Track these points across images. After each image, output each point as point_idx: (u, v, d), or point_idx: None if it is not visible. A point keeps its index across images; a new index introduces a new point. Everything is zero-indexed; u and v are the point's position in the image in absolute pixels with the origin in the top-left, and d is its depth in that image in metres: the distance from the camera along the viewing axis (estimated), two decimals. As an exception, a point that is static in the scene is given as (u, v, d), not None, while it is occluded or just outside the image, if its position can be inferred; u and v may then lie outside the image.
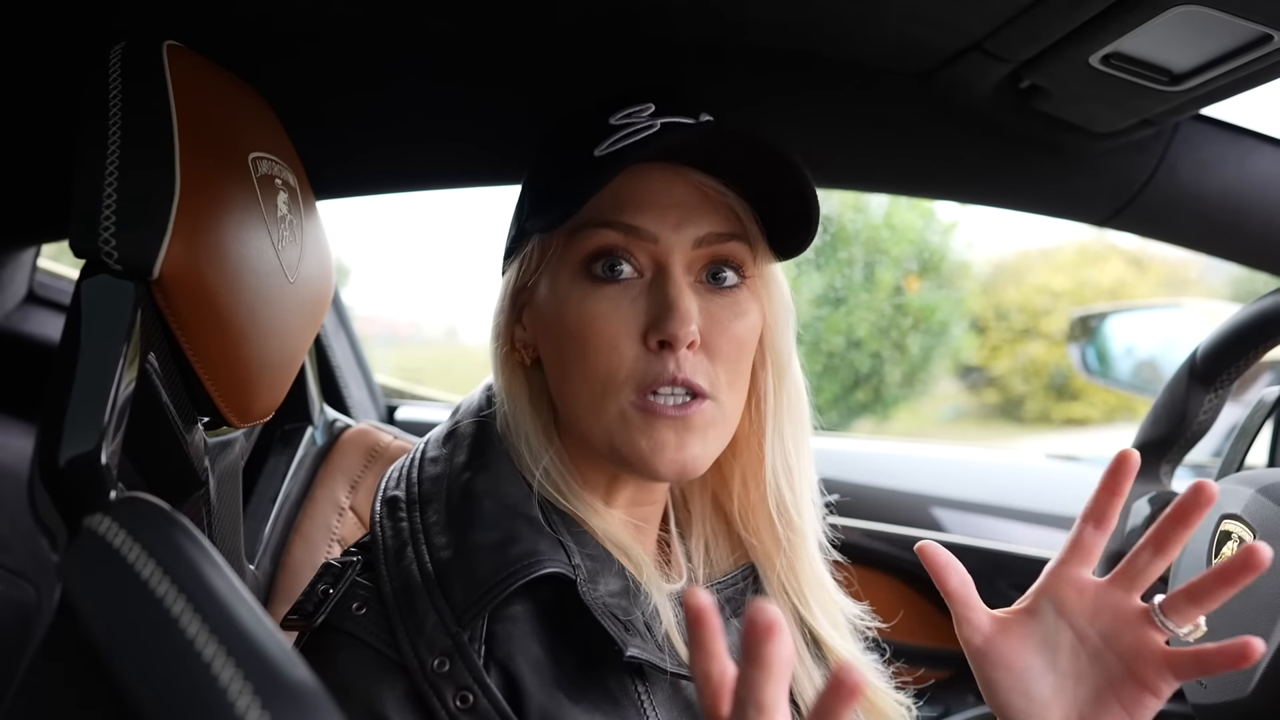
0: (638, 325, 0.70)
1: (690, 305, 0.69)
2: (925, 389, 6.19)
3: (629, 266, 0.71)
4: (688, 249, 0.71)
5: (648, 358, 0.70)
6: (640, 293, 0.71)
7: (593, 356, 0.70)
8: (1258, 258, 1.13)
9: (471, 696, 0.64)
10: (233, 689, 0.46)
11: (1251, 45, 0.77)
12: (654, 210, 0.71)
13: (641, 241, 0.71)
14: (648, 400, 0.69)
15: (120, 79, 0.66)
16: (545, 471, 0.73)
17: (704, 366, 0.71)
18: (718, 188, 0.72)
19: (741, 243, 0.73)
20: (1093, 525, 0.65)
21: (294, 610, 0.70)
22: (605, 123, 0.73)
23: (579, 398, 0.72)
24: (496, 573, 0.67)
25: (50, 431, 0.57)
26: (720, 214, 0.73)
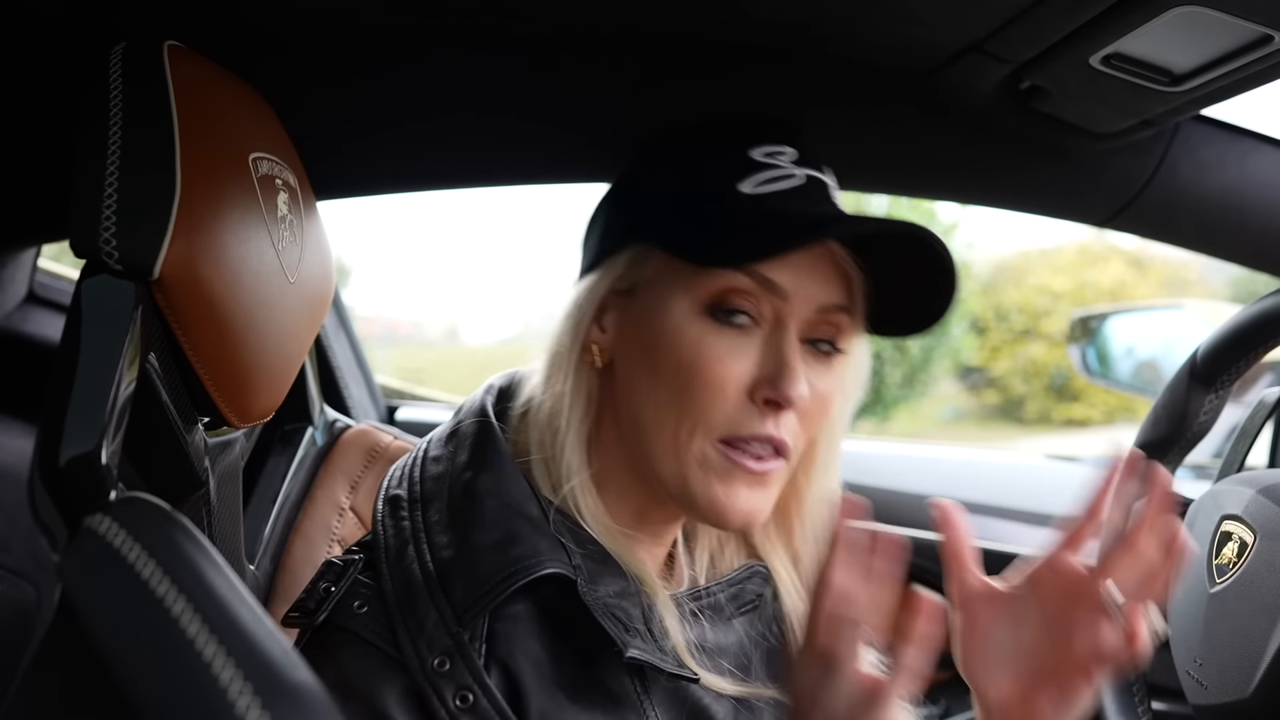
0: (748, 376, 0.70)
1: (802, 370, 0.70)
2: (925, 390, 6.19)
3: (749, 316, 0.70)
4: (810, 312, 0.71)
5: (748, 410, 0.69)
6: (755, 343, 0.70)
7: (694, 394, 0.69)
8: (1258, 258, 1.13)
9: (471, 696, 0.64)
10: (233, 689, 0.46)
11: (1252, 46, 0.77)
12: (791, 268, 0.70)
13: (771, 296, 0.70)
14: (732, 449, 0.70)
15: (121, 79, 0.66)
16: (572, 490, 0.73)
17: (793, 428, 0.71)
18: (845, 256, 0.72)
19: (850, 316, 0.73)
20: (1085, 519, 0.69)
21: (295, 608, 0.70)
22: (746, 155, 0.73)
23: (664, 429, 0.71)
24: (497, 572, 0.67)
25: (50, 431, 0.57)
26: (843, 284, 0.72)
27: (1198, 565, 0.89)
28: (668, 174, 0.76)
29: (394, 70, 0.97)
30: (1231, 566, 0.84)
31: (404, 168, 1.12)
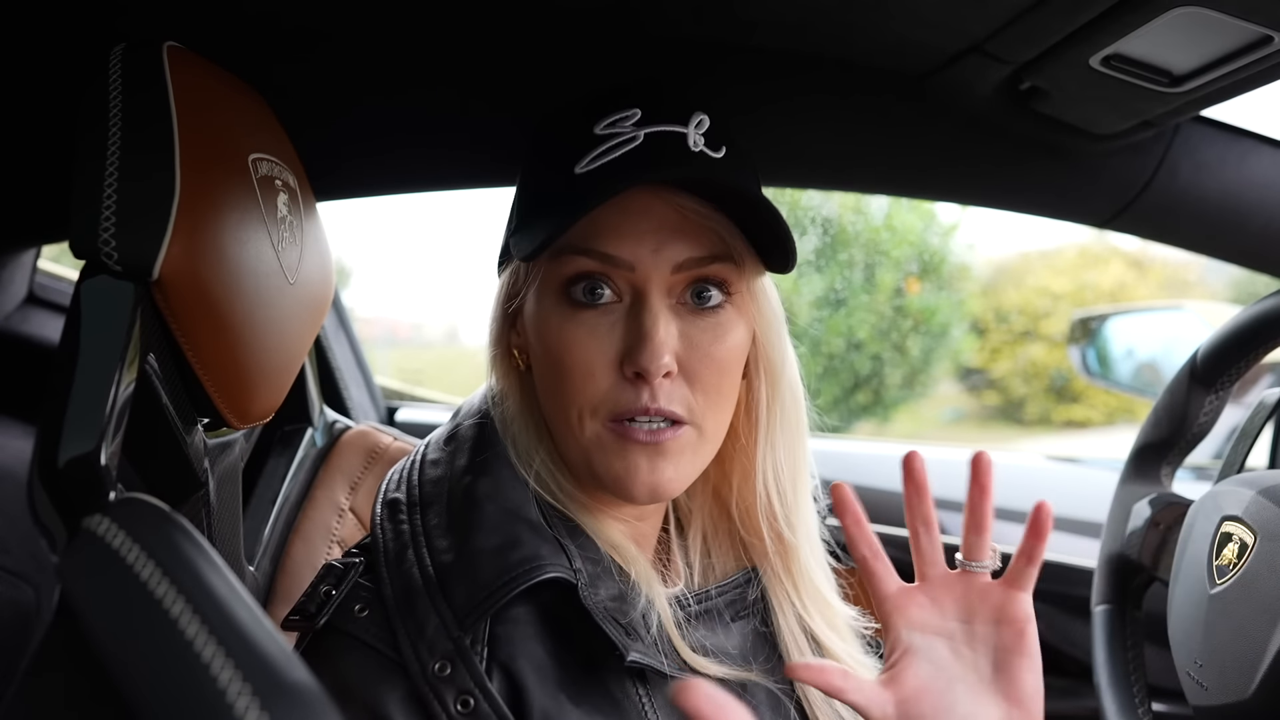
0: (614, 352, 0.70)
1: (665, 336, 0.69)
2: (925, 391, 6.19)
3: (608, 291, 0.70)
4: (666, 274, 0.70)
5: (622, 386, 0.69)
6: (619, 318, 0.70)
7: (569, 382, 0.70)
8: (1258, 259, 1.13)
9: (472, 701, 0.64)
10: (231, 690, 0.45)
11: (1252, 47, 0.77)
12: (631, 237, 0.69)
13: (618, 269, 0.70)
14: (622, 425, 0.70)
15: (120, 80, 0.66)
16: (538, 474, 0.74)
17: (681, 393, 0.70)
18: (698, 209, 0.70)
19: (725, 263, 0.71)
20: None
21: (295, 611, 0.70)
22: (590, 132, 0.71)
23: (557, 418, 0.73)
24: (498, 577, 0.67)
25: (49, 432, 0.57)
26: (701, 236, 0.70)
27: (1198, 566, 0.88)
28: (526, 168, 0.78)
29: (393, 71, 0.97)
30: (1232, 568, 0.84)
31: (403, 168, 1.12)
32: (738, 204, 0.70)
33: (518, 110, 1.00)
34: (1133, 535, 1.02)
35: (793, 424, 0.79)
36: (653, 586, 0.72)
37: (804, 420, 0.80)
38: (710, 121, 0.73)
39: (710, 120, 0.73)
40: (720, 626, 0.77)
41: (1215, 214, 1.06)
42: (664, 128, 0.71)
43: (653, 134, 0.71)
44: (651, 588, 0.72)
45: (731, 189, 0.69)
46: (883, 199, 5.26)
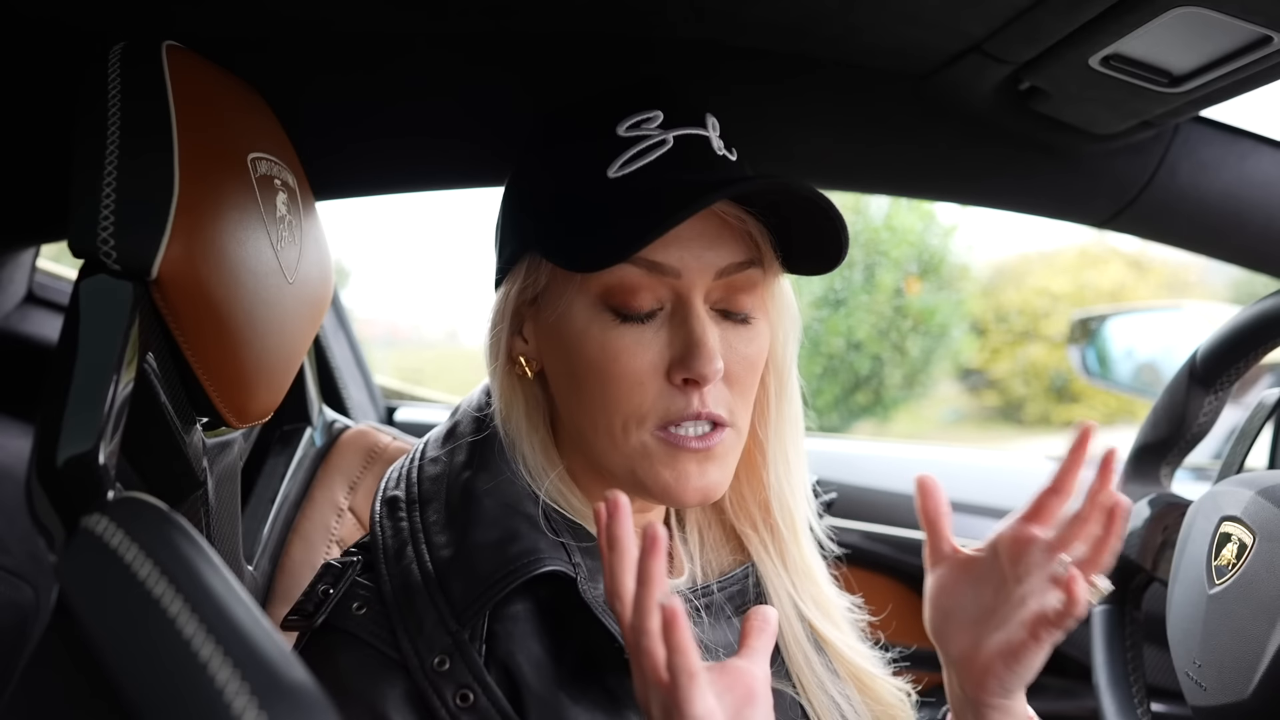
0: (662, 361, 0.69)
1: (715, 341, 0.69)
2: (925, 391, 6.19)
3: (650, 298, 0.69)
4: (709, 280, 0.70)
5: (671, 393, 0.69)
6: (661, 326, 0.70)
7: (615, 391, 0.69)
8: (1258, 259, 1.13)
9: (471, 695, 0.64)
10: (229, 689, 0.45)
11: (1251, 47, 0.77)
12: (676, 244, 0.68)
13: (665, 278, 0.69)
14: (671, 433, 0.69)
15: (119, 79, 0.66)
16: (553, 487, 0.73)
17: (724, 397, 0.71)
18: (735, 213, 0.70)
19: (756, 268, 0.72)
20: (1051, 492, 0.70)
21: (294, 611, 0.70)
22: (613, 133, 0.70)
23: (598, 428, 0.71)
24: (496, 571, 0.67)
25: (48, 431, 0.57)
26: (739, 241, 0.71)
27: (1197, 567, 0.88)
28: (543, 171, 0.75)
29: (392, 70, 0.97)
30: (1231, 568, 0.84)
31: (403, 168, 1.12)
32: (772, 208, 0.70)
33: (517, 109, 1.00)
34: (1132, 535, 1.02)
35: (795, 417, 0.80)
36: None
37: (801, 413, 0.81)
38: (719, 124, 0.74)
39: (719, 122, 0.74)
40: (723, 621, 0.77)
41: (1215, 214, 1.06)
42: (689, 130, 0.72)
43: (681, 137, 0.71)
44: None
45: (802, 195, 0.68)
46: (882, 199, 5.26)
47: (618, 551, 0.58)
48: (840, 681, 0.79)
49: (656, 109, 0.72)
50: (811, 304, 5.15)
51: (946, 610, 0.72)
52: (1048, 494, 0.70)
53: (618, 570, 0.58)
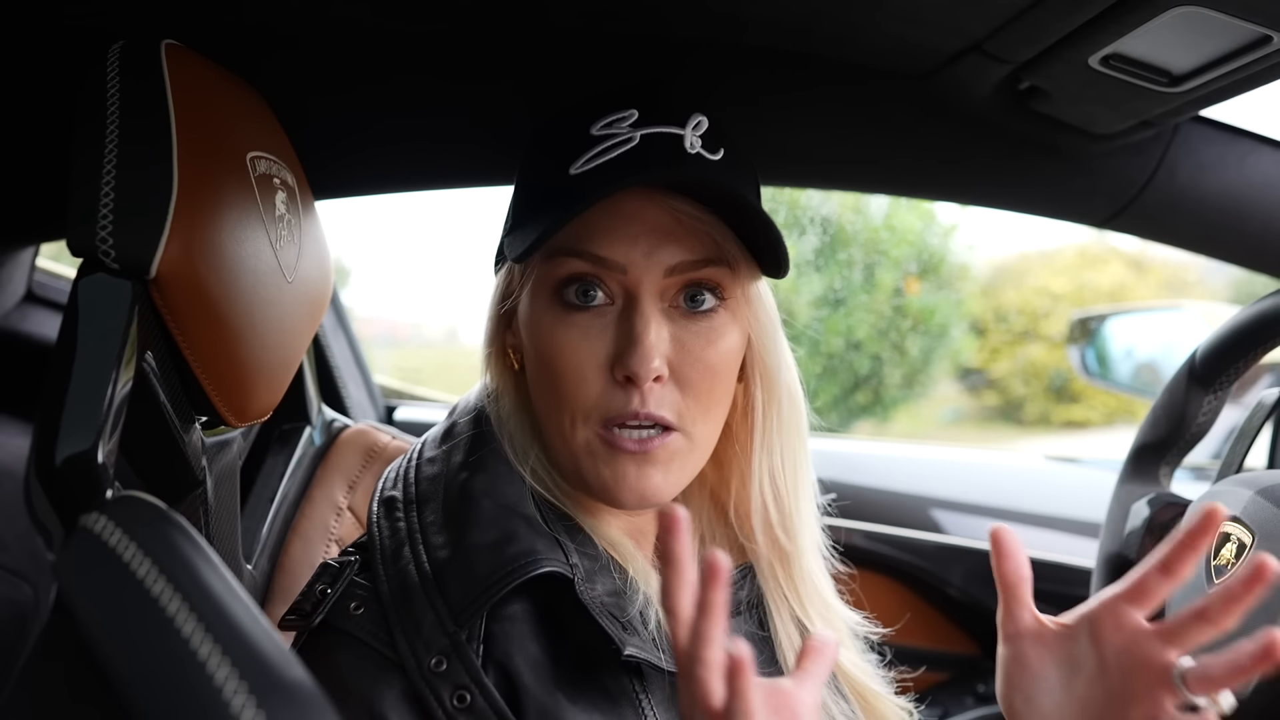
0: (605, 355, 0.69)
1: (655, 340, 0.68)
2: (925, 391, 6.18)
3: (600, 293, 0.70)
4: (658, 277, 0.70)
5: (613, 390, 0.69)
6: (610, 321, 0.70)
7: (561, 385, 0.70)
8: (1257, 259, 1.13)
9: (469, 696, 0.64)
10: (228, 688, 0.45)
11: (1251, 46, 0.77)
12: (624, 239, 0.69)
13: (610, 272, 0.69)
14: (612, 433, 0.69)
15: (118, 78, 0.66)
16: (534, 470, 0.74)
17: (672, 399, 0.70)
18: (692, 212, 0.70)
19: (718, 266, 0.71)
20: (1160, 572, 0.61)
21: (292, 610, 0.70)
22: (586, 132, 0.71)
23: (550, 421, 0.72)
24: (494, 572, 0.67)
25: (47, 430, 0.57)
26: (695, 240, 0.70)
27: (1196, 566, 0.88)
28: (523, 168, 0.78)
29: (392, 70, 0.97)
30: (1229, 568, 0.84)
31: (402, 167, 1.12)
32: (729, 208, 0.69)
33: (517, 108, 1.00)
34: (1131, 535, 1.02)
35: (791, 428, 0.78)
36: (650, 583, 0.72)
37: (803, 425, 0.79)
38: (709, 123, 0.73)
39: (709, 122, 0.73)
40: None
41: (1214, 214, 1.06)
42: (660, 129, 0.71)
43: (649, 135, 0.70)
44: (649, 584, 0.72)
45: (721, 192, 0.68)
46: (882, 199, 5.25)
47: (673, 568, 0.54)
48: (843, 701, 0.79)
49: (632, 108, 0.72)
50: (811, 303, 5.15)
51: (1028, 691, 0.65)
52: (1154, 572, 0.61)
53: (673, 588, 0.55)
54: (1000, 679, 0.68)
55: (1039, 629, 0.66)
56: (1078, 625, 0.64)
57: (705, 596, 0.53)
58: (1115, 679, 0.61)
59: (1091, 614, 0.63)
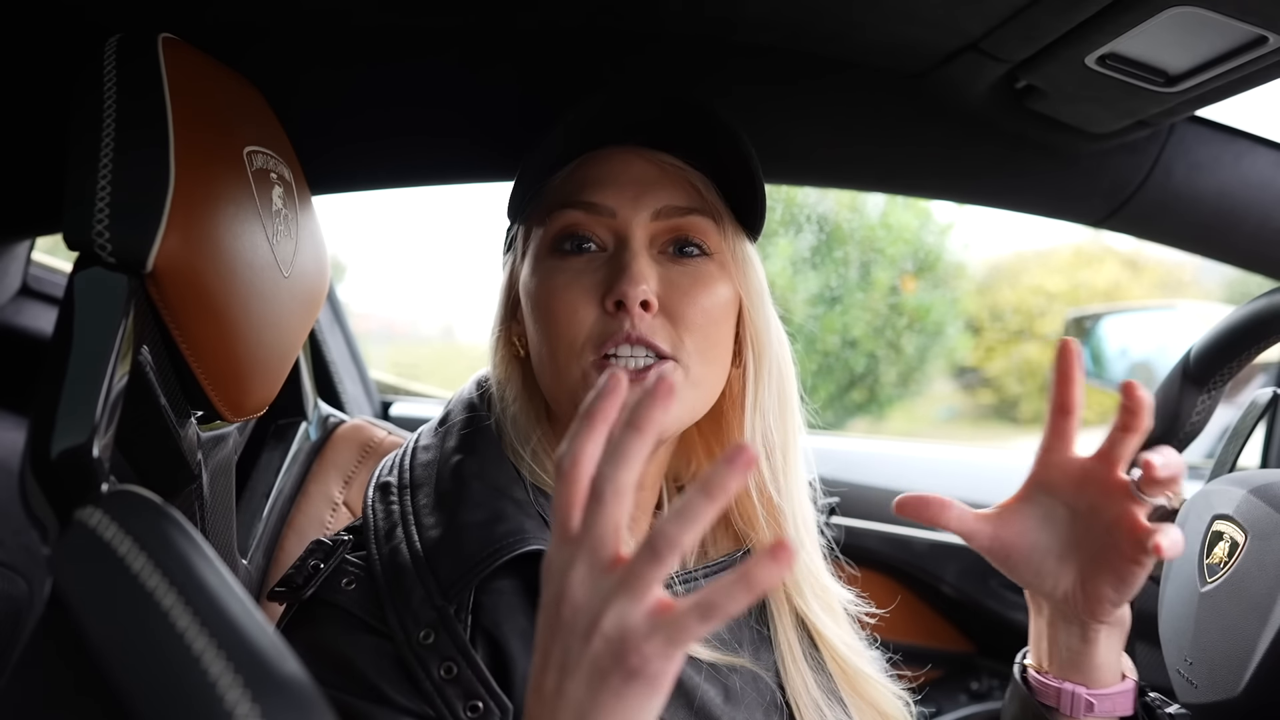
0: (597, 292, 0.73)
1: (643, 269, 0.73)
2: (920, 389, 6.19)
3: (594, 243, 0.75)
4: (646, 221, 0.75)
5: (605, 320, 0.72)
6: (602, 264, 0.74)
7: (556, 324, 0.73)
8: (1252, 259, 1.13)
9: (455, 668, 0.65)
10: (222, 682, 0.46)
11: (1247, 47, 0.77)
12: (612, 186, 0.75)
13: (601, 217, 0.74)
14: (606, 361, 0.72)
15: (115, 72, 0.66)
16: (534, 453, 0.75)
17: (664, 329, 0.73)
18: (676, 163, 0.76)
19: (703, 216, 0.76)
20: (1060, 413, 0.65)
21: (283, 583, 0.71)
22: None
23: (546, 365, 0.75)
24: (483, 549, 0.68)
25: (42, 424, 0.57)
26: (679, 188, 0.76)
27: (1189, 565, 0.89)
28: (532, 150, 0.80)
29: (389, 65, 0.96)
30: (1222, 566, 0.84)
31: (400, 163, 1.12)
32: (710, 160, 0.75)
33: (513, 104, 1.00)
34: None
35: (780, 393, 0.81)
36: None
37: (794, 393, 0.82)
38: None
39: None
40: None
41: (1209, 214, 1.06)
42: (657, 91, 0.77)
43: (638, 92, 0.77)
44: None
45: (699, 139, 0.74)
46: (878, 197, 5.25)
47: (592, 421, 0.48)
48: (837, 706, 0.79)
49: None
50: (807, 301, 5.15)
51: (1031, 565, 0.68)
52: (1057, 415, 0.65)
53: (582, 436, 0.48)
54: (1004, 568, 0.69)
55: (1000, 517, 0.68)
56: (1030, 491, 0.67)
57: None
58: (1088, 513, 0.65)
59: (1036, 475, 0.67)
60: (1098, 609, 0.66)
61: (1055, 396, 0.65)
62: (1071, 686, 0.69)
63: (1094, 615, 0.67)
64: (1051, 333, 6.07)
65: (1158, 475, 0.61)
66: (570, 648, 0.47)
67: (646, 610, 0.45)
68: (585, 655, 0.46)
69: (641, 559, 0.45)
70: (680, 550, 0.45)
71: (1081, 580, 0.66)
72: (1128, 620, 0.69)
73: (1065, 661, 0.70)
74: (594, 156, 0.77)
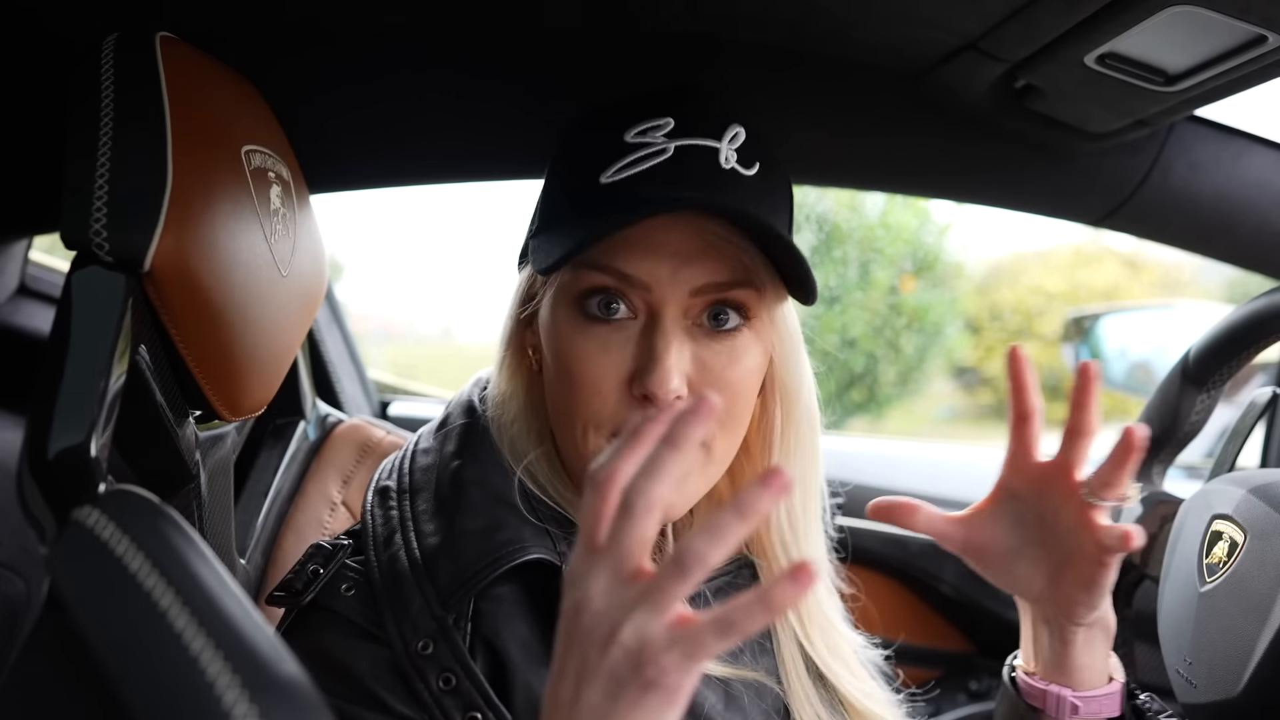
0: (624, 371, 0.69)
1: (676, 360, 0.68)
2: (919, 389, 6.19)
3: (624, 306, 0.69)
4: (684, 297, 0.69)
5: (630, 405, 0.69)
6: (632, 335, 0.69)
7: (576, 396, 0.70)
8: (1250, 259, 1.13)
9: (454, 678, 0.65)
10: (220, 683, 0.45)
11: (1246, 46, 0.77)
12: (650, 258, 0.68)
13: (634, 288, 0.69)
14: None
15: (113, 70, 0.66)
16: (533, 466, 0.74)
17: None
18: (722, 234, 0.69)
19: (745, 289, 0.70)
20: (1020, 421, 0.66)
21: (281, 587, 0.70)
22: (620, 139, 0.70)
23: (563, 430, 0.72)
24: (482, 558, 0.68)
25: (39, 423, 0.57)
26: (722, 261, 0.69)
27: (1188, 564, 0.89)
28: (554, 168, 0.76)
29: (388, 65, 0.96)
30: (1222, 566, 0.84)
31: (398, 161, 1.12)
32: (759, 231, 0.68)
33: (513, 104, 1.00)
34: (1124, 533, 1.02)
35: (806, 447, 0.78)
36: None
37: (818, 444, 0.80)
38: (745, 135, 0.71)
39: (745, 134, 0.71)
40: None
41: (1208, 214, 1.06)
42: (696, 141, 0.70)
43: (683, 147, 0.69)
44: None
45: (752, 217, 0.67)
46: (878, 196, 5.25)
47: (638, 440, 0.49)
48: (838, 716, 0.79)
49: (668, 116, 0.70)
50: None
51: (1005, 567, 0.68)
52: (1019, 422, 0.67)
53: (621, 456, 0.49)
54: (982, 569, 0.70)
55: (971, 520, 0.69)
56: (999, 495, 0.68)
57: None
58: (1053, 517, 0.66)
59: (1003, 481, 0.68)
60: (1071, 611, 0.67)
61: (1013, 404, 0.66)
62: (1057, 689, 0.69)
63: (1069, 617, 0.67)
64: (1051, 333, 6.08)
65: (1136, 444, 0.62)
66: (588, 656, 0.47)
67: (666, 623, 0.46)
68: (603, 664, 0.47)
69: (667, 573, 0.46)
70: (707, 567, 0.45)
71: (1052, 582, 0.67)
72: (1111, 623, 0.70)
73: (1049, 663, 0.70)
74: None
